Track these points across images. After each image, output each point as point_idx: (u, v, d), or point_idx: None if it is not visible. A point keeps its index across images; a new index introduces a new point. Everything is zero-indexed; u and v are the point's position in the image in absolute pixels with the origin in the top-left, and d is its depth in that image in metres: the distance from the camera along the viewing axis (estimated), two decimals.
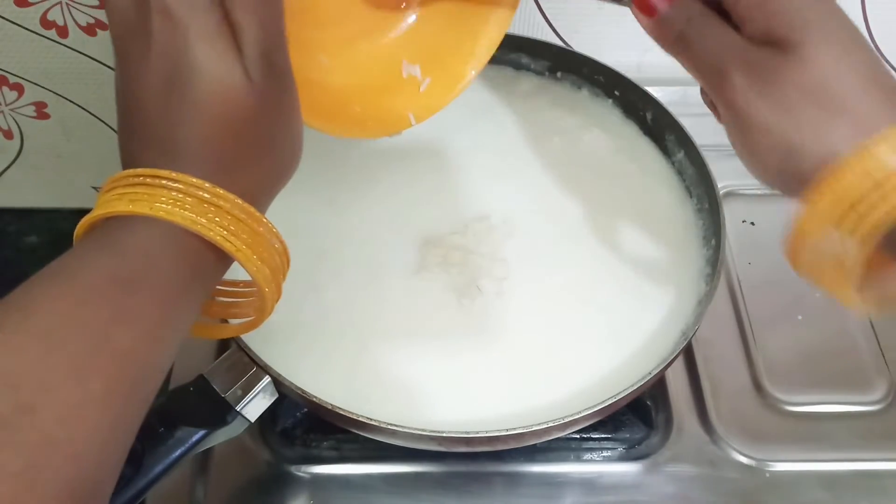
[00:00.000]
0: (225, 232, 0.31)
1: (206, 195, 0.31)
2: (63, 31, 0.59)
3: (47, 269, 0.30)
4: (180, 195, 0.31)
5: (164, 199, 0.30)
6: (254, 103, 0.32)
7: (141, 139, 0.32)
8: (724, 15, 0.35)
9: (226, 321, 0.40)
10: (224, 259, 0.33)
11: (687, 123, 0.54)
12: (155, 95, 0.31)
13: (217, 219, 0.31)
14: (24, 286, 0.29)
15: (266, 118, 0.33)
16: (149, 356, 0.30)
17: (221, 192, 0.31)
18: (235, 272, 0.35)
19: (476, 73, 0.46)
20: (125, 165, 0.33)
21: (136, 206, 0.30)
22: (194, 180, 0.31)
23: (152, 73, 0.31)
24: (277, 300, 0.36)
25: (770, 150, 0.34)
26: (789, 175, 0.34)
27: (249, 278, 0.33)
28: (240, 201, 0.32)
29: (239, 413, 0.43)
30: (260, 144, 0.33)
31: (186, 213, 0.30)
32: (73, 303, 0.29)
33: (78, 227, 0.32)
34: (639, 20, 0.38)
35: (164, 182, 0.31)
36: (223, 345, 0.55)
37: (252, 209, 0.32)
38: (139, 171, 0.31)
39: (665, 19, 0.36)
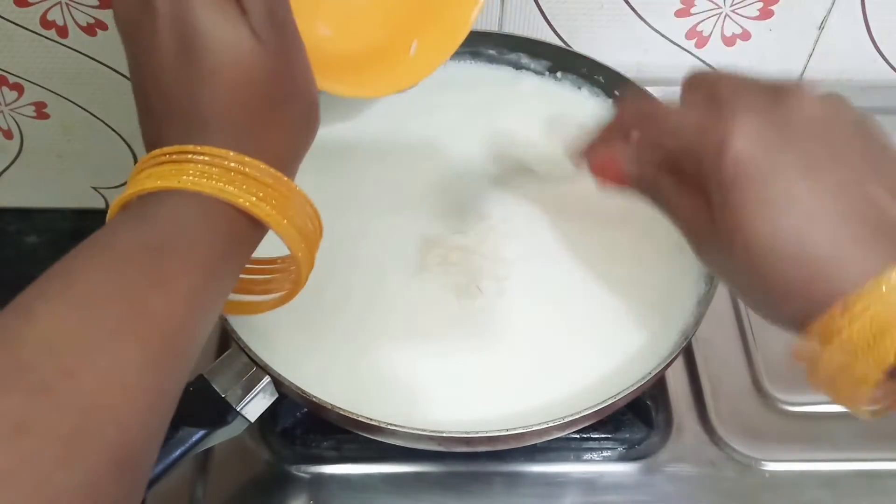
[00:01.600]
0: (254, 198, 0.31)
1: (231, 164, 0.31)
2: (63, 31, 0.59)
3: (85, 242, 0.30)
4: (206, 166, 0.31)
5: (190, 171, 0.31)
6: (266, 63, 0.32)
7: (162, 118, 0.33)
8: None
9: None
10: (257, 227, 0.33)
11: None
12: (170, 71, 0.32)
13: (245, 186, 0.31)
14: (64, 258, 0.30)
15: (280, 76, 0.33)
16: (186, 322, 0.30)
17: (247, 159, 0.32)
18: (268, 251, 0.35)
19: (474, 20, 0.47)
20: (150, 150, 0.33)
21: (164, 182, 0.31)
22: (219, 150, 0.31)
23: (163, 49, 0.31)
24: (311, 267, 0.36)
25: (754, 306, 0.35)
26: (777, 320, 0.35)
27: (281, 255, 0.34)
28: (264, 166, 0.32)
29: (239, 413, 0.43)
30: (278, 104, 0.33)
31: (214, 182, 0.31)
32: (108, 270, 0.29)
33: (111, 208, 0.33)
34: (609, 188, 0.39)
35: (189, 156, 0.31)
36: (223, 345, 0.55)
37: (279, 174, 0.32)
38: (165, 149, 0.32)
39: (632, 181, 0.38)
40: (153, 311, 0.29)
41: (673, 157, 0.35)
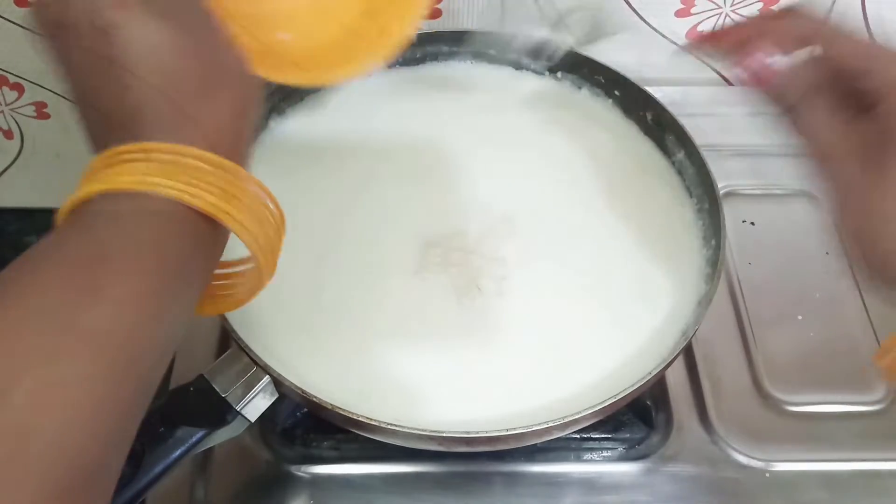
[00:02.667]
0: (191, 187, 0.30)
1: (165, 156, 0.30)
2: None
3: (25, 253, 0.29)
4: (140, 163, 0.30)
5: (120, 171, 0.30)
6: (180, 43, 0.32)
7: (97, 123, 0.32)
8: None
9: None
10: (215, 226, 0.31)
11: (687, 123, 0.54)
12: (93, 75, 0.31)
13: (183, 176, 0.30)
14: (2, 273, 0.29)
15: (199, 53, 0.32)
16: (139, 329, 0.29)
17: (180, 147, 0.30)
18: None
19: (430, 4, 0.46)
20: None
21: (93, 186, 0.30)
22: (148, 144, 0.30)
23: (84, 56, 0.31)
24: (269, 252, 0.33)
25: (886, 238, 0.34)
26: None
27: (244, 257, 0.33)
28: (199, 151, 0.30)
29: (239, 413, 0.43)
30: (203, 82, 0.32)
31: (149, 178, 0.29)
32: (40, 285, 0.28)
33: (56, 217, 0.32)
34: (749, 87, 0.38)
35: (122, 156, 0.30)
36: (223, 345, 0.55)
37: (217, 158, 0.31)
38: (101, 155, 0.31)
39: (779, 91, 0.36)
40: (89, 326, 0.28)
41: (848, 75, 0.35)
